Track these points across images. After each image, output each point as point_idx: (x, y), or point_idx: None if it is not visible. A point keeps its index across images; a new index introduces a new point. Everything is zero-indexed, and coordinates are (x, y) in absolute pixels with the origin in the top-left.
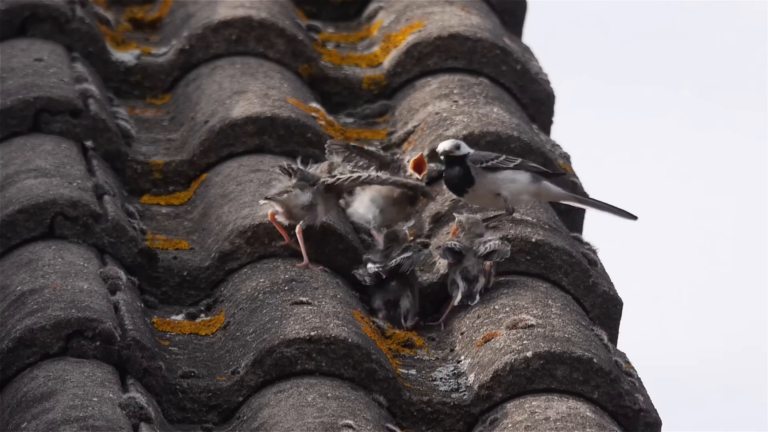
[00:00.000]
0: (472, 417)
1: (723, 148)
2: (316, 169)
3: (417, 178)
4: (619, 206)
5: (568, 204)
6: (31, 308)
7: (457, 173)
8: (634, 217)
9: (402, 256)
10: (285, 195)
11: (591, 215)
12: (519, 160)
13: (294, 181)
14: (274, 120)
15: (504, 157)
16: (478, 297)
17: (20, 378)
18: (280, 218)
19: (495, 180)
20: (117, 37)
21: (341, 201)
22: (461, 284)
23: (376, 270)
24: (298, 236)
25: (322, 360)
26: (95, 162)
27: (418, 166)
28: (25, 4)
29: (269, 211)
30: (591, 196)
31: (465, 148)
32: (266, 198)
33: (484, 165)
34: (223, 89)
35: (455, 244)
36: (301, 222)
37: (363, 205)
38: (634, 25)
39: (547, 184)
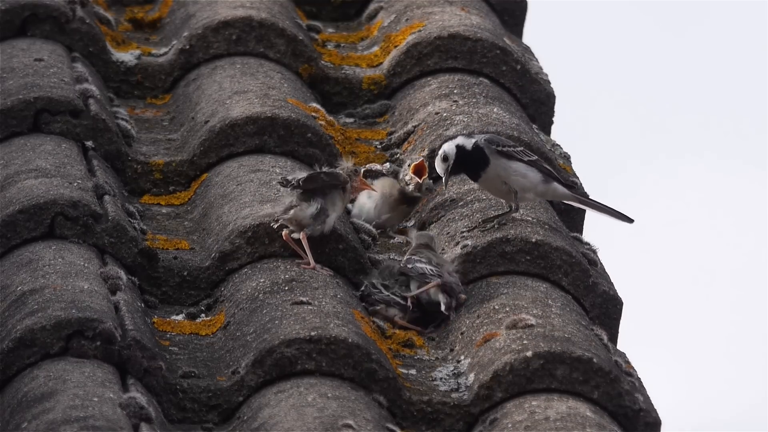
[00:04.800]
0: (471, 417)
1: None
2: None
3: (417, 182)
4: (616, 209)
5: (569, 203)
6: (31, 308)
7: (472, 158)
8: (631, 220)
9: (386, 293)
10: (291, 211)
11: (592, 215)
12: (535, 157)
13: (296, 194)
14: (274, 120)
15: (522, 148)
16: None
17: (20, 378)
18: (293, 233)
19: (507, 167)
20: (117, 37)
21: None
22: (442, 298)
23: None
24: (303, 241)
25: (322, 360)
26: (95, 162)
27: (419, 170)
28: (25, 4)
29: (283, 232)
30: (590, 198)
31: (467, 143)
32: (275, 221)
33: (499, 148)
34: (224, 89)
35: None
36: (305, 229)
37: (361, 200)
38: (632, 24)
39: (555, 185)
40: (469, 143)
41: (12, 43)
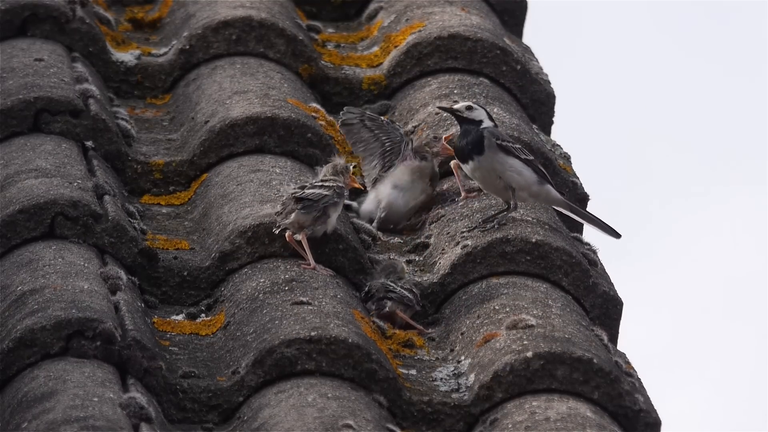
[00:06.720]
0: (472, 417)
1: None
2: (320, 173)
3: (448, 151)
4: (606, 222)
5: (561, 211)
6: (31, 308)
7: (469, 139)
8: (618, 235)
9: (391, 293)
10: (293, 215)
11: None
12: (532, 158)
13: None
14: (274, 120)
15: (520, 147)
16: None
17: (21, 378)
18: (295, 234)
19: (504, 162)
20: (117, 37)
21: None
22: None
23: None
24: (303, 242)
25: (322, 360)
26: (95, 162)
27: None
28: (25, 4)
29: (287, 233)
30: (581, 208)
31: (480, 114)
32: (276, 226)
33: (499, 142)
34: (223, 89)
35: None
36: (305, 230)
37: (386, 190)
38: (632, 24)
39: (549, 188)
40: (478, 126)
41: (12, 43)
